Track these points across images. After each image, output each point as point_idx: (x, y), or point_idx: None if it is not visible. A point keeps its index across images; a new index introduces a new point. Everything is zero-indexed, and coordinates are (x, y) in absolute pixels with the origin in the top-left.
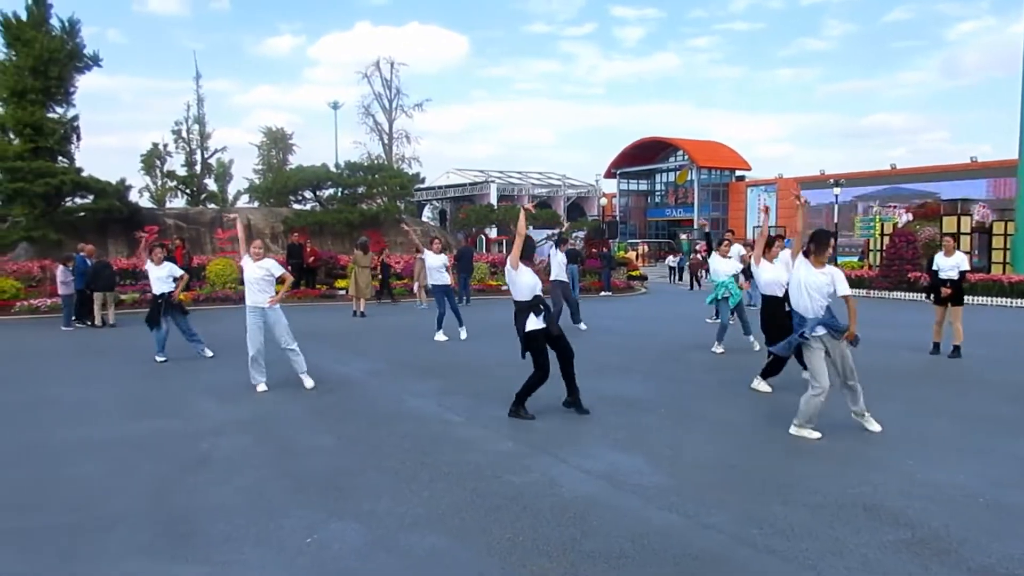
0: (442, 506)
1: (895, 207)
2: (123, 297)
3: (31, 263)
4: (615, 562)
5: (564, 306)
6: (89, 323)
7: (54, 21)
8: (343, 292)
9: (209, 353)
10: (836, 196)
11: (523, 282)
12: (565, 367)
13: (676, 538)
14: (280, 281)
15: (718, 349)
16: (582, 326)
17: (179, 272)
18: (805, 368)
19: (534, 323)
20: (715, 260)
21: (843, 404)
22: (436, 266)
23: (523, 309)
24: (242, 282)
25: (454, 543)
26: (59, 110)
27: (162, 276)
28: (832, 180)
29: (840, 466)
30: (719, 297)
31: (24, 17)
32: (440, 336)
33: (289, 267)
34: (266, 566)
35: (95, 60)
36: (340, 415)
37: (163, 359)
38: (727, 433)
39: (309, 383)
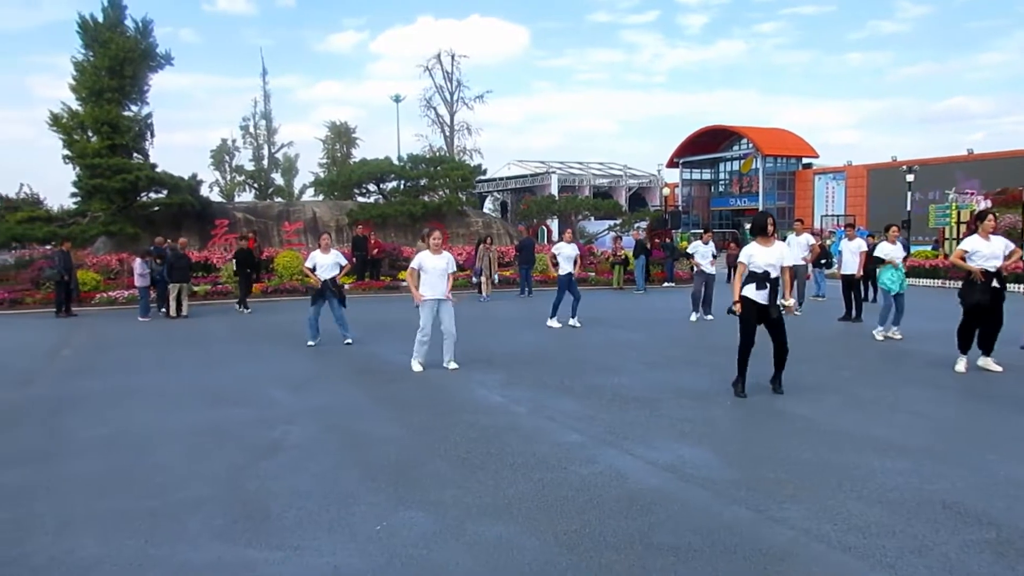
0: (508, 496)
1: (973, 193)
2: (196, 289)
3: (109, 256)
4: (683, 556)
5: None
6: (164, 312)
7: (128, 22)
8: (406, 283)
9: (349, 340)
10: (909, 183)
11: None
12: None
13: (746, 533)
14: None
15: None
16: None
17: (344, 260)
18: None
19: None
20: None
21: (919, 400)
22: (566, 256)
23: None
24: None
25: (521, 533)
26: (134, 108)
27: (328, 263)
28: (904, 167)
29: (917, 462)
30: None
31: (101, 19)
32: (553, 323)
33: (354, 259)
34: (338, 552)
35: (167, 59)
36: (406, 405)
37: (314, 343)
38: (798, 427)
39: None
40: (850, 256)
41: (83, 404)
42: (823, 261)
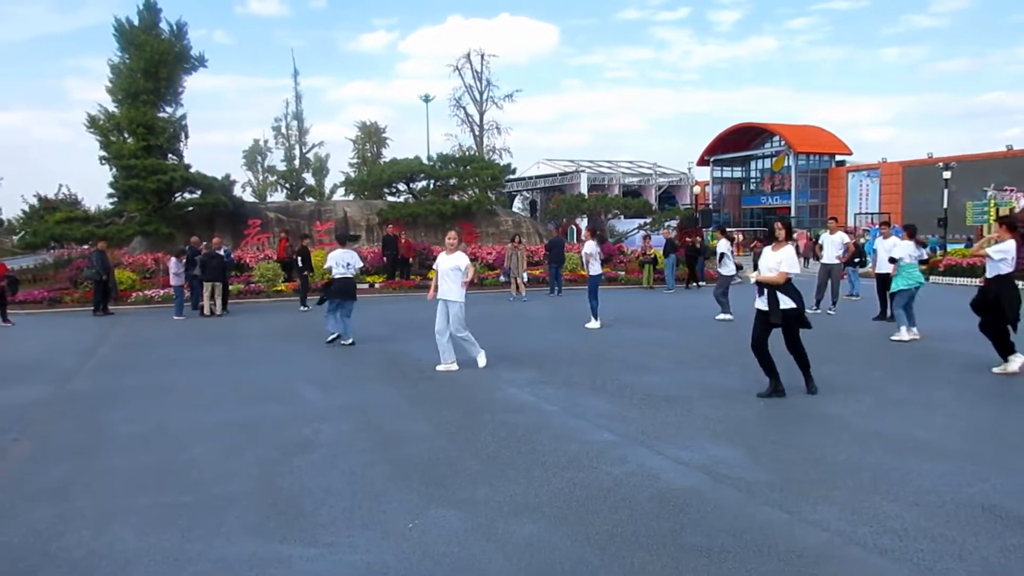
0: (540, 495)
1: (1012, 190)
2: (230, 288)
3: (145, 256)
4: (716, 557)
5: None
6: (200, 310)
7: (163, 25)
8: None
9: (351, 340)
10: (946, 180)
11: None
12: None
13: (780, 534)
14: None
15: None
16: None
17: (360, 262)
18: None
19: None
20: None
21: (954, 401)
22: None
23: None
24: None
25: (552, 532)
26: (168, 110)
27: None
28: (941, 163)
29: (953, 464)
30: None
31: (136, 22)
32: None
33: (385, 258)
34: (371, 549)
35: (201, 61)
36: (436, 403)
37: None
38: (831, 428)
39: (482, 361)
40: (885, 255)
41: (120, 401)
42: (857, 260)
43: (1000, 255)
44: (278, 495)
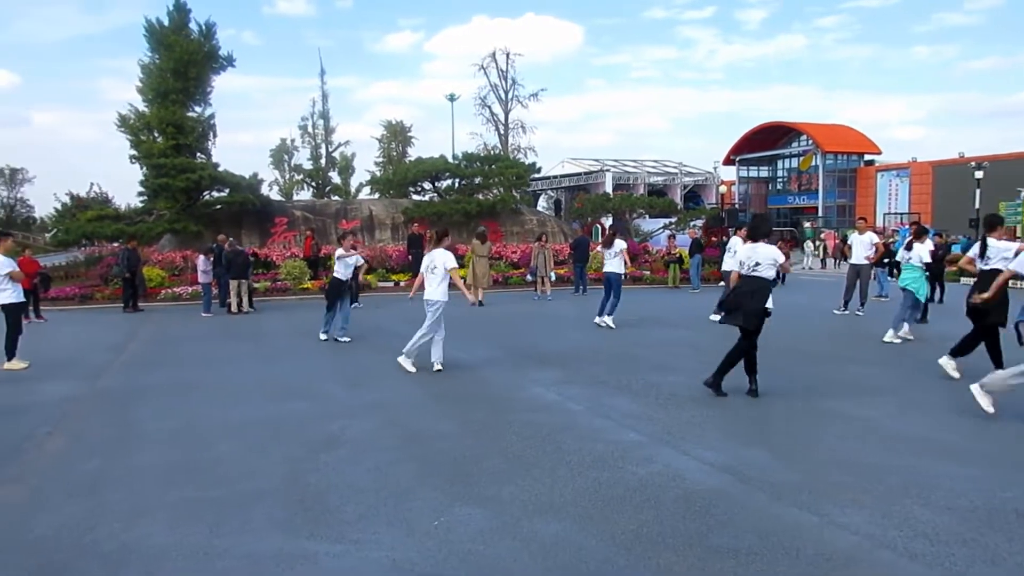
0: (565, 494)
1: None
2: (256, 285)
3: (174, 253)
4: (743, 559)
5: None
6: (227, 308)
7: (192, 25)
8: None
9: (347, 339)
10: (978, 180)
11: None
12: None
13: (808, 537)
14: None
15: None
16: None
17: (361, 261)
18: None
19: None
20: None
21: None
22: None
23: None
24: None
25: (578, 531)
26: (197, 109)
27: (350, 263)
28: (973, 163)
29: (988, 468)
30: None
31: (166, 22)
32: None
33: (410, 256)
34: (397, 547)
35: (229, 61)
36: (462, 401)
37: (326, 337)
38: (859, 430)
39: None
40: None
41: (150, 397)
42: (886, 261)
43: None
44: (304, 491)
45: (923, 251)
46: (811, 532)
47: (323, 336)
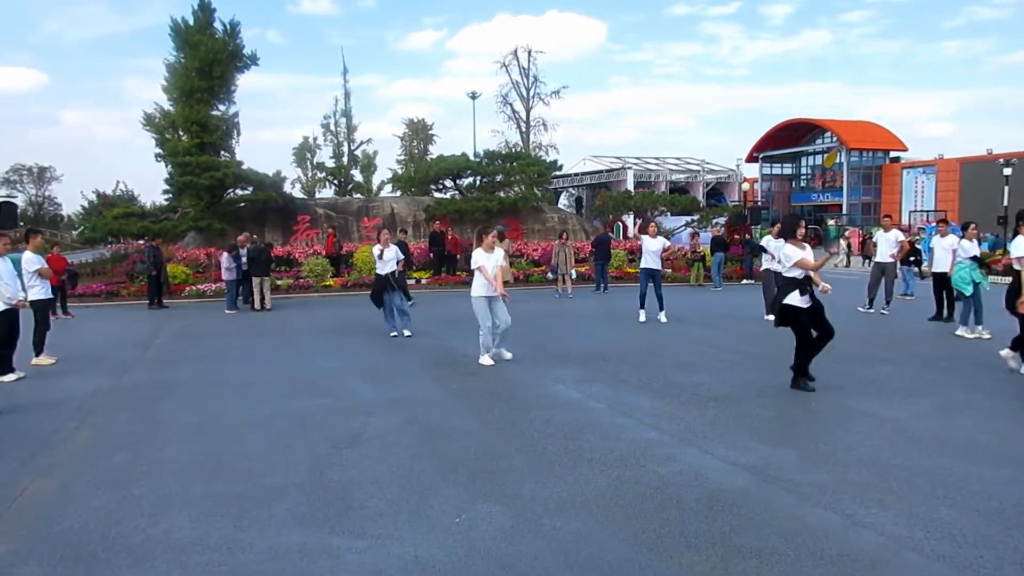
0: (586, 493)
1: None
2: (279, 283)
3: (198, 251)
4: (767, 559)
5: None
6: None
7: (217, 25)
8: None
9: (408, 333)
10: (1007, 177)
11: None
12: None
13: (832, 537)
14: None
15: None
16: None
17: (401, 255)
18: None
19: (795, 299)
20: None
21: (1015, 405)
22: (653, 250)
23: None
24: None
25: (599, 530)
26: (222, 107)
27: (389, 259)
28: (1001, 160)
29: (1016, 470)
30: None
31: (191, 22)
32: (642, 316)
33: (432, 254)
34: (419, 543)
35: (253, 60)
36: (483, 399)
37: (396, 334)
38: (885, 430)
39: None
40: (942, 253)
41: (175, 392)
42: (912, 259)
43: None
44: (327, 487)
45: (971, 246)
46: (836, 533)
47: (392, 334)
